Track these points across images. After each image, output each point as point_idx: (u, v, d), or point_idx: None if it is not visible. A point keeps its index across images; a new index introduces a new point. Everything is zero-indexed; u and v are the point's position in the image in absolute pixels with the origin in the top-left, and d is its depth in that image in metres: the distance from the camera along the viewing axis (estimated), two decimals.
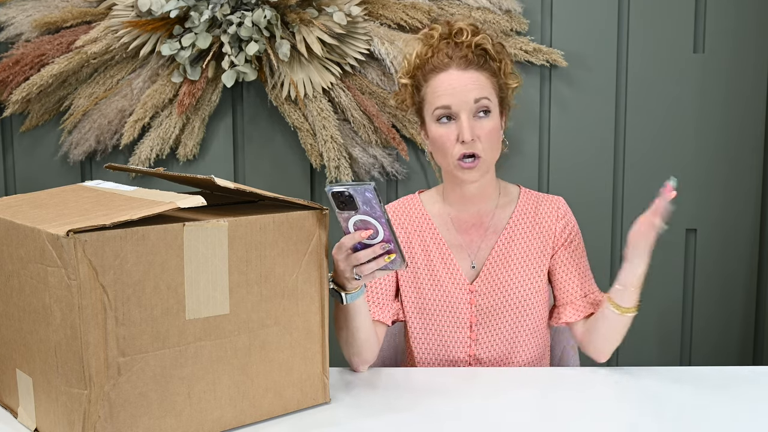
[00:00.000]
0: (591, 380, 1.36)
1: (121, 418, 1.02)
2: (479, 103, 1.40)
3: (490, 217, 1.52)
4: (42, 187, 2.22)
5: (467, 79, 1.41)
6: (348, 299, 1.28)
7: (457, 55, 1.42)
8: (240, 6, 2.08)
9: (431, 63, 1.43)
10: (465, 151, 1.40)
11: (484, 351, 1.50)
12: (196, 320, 1.07)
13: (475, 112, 1.41)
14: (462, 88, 1.40)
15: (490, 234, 1.51)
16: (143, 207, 1.04)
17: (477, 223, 1.52)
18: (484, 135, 1.40)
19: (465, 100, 1.40)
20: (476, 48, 1.42)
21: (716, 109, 2.22)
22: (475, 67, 1.42)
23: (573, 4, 2.18)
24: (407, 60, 1.48)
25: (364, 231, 1.18)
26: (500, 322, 1.49)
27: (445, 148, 1.42)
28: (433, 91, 1.43)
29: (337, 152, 2.15)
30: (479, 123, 1.41)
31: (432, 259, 1.51)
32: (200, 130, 2.20)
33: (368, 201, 1.15)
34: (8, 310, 1.12)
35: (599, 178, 2.25)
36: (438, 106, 1.41)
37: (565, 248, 1.51)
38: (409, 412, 1.21)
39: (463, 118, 1.39)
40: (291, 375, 1.18)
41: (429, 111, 1.44)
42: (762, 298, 2.28)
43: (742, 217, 2.26)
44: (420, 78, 1.46)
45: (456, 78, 1.41)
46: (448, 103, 1.40)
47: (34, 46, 2.13)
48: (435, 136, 1.43)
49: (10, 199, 1.23)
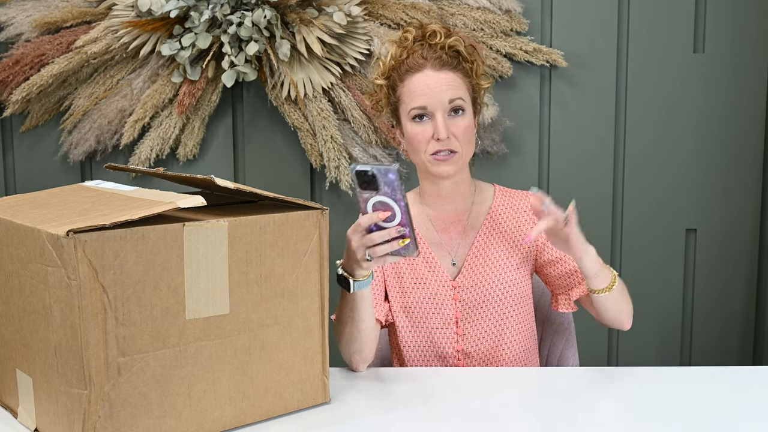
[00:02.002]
0: (591, 380, 1.36)
1: (121, 418, 1.02)
2: (453, 103, 1.44)
3: (467, 214, 1.56)
4: (42, 187, 2.22)
5: (442, 80, 1.45)
6: (356, 287, 1.30)
7: (432, 56, 1.45)
8: (240, 6, 2.08)
9: (407, 64, 1.47)
10: (440, 147, 1.44)
11: (471, 345, 1.52)
12: (196, 320, 1.07)
13: (450, 111, 1.45)
14: (437, 88, 1.44)
15: (469, 231, 1.55)
16: (143, 207, 1.04)
17: (455, 221, 1.56)
18: (459, 132, 1.45)
19: (440, 100, 1.44)
20: (449, 49, 1.47)
21: (716, 109, 2.22)
22: (450, 67, 1.46)
23: (573, 4, 2.18)
24: (382, 62, 1.52)
25: (382, 212, 1.20)
26: (485, 316, 1.52)
27: (420, 146, 1.46)
28: (409, 92, 1.46)
29: (337, 152, 2.16)
30: (454, 121, 1.45)
31: (414, 259, 1.53)
32: (200, 130, 2.20)
33: (390, 183, 1.17)
34: (8, 310, 1.12)
35: (599, 178, 2.25)
36: (414, 107, 1.45)
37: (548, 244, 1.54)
38: (409, 412, 1.21)
39: (438, 118, 1.43)
40: (291, 375, 1.19)
41: (405, 111, 1.48)
42: (762, 298, 2.28)
43: (742, 217, 2.26)
44: (395, 78, 1.49)
45: (432, 78, 1.45)
46: (424, 103, 1.44)
47: (34, 46, 2.13)
48: (411, 135, 1.47)
49: (10, 199, 1.23)
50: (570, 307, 1.54)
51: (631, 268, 2.27)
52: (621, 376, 1.39)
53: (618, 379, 1.37)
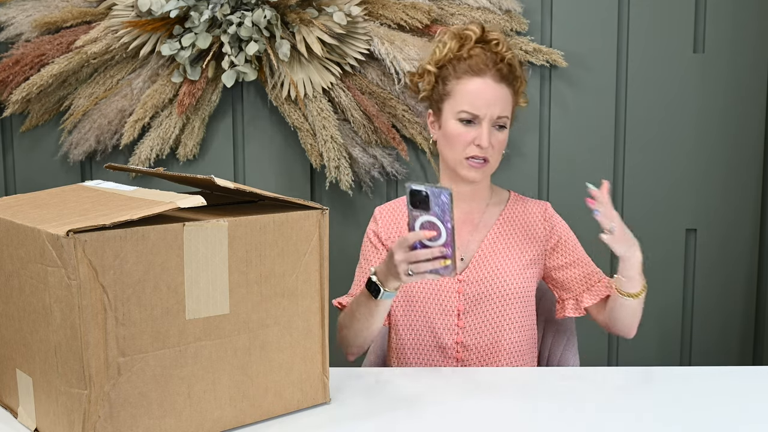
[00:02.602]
0: (591, 380, 1.36)
1: (121, 418, 1.02)
2: (500, 119, 1.51)
3: (481, 214, 1.60)
4: (42, 187, 2.22)
5: (498, 93, 1.50)
6: (384, 296, 1.37)
7: (494, 65, 1.50)
8: (240, 6, 2.08)
9: (467, 63, 1.51)
10: (478, 153, 1.50)
11: (471, 338, 1.54)
12: (196, 320, 1.07)
13: (494, 124, 1.51)
14: (493, 100, 1.49)
15: (480, 229, 1.59)
16: (143, 207, 1.03)
17: (467, 219, 1.60)
18: (496, 145, 1.51)
19: (491, 113, 1.49)
20: (508, 64, 1.52)
21: (716, 109, 2.22)
22: (506, 82, 1.52)
23: (573, 4, 2.18)
24: (438, 49, 1.55)
25: (428, 231, 1.26)
26: (487, 311, 1.54)
27: (459, 146, 1.51)
28: (465, 92, 1.50)
29: (337, 152, 2.15)
30: (494, 134, 1.51)
31: None
32: (200, 130, 2.20)
33: (442, 205, 1.23)
34: (8, 310, 1.12)
35: (599, 178, 2.25)
36: (467, 110, 1.50)
37: (559, 249, 1.60)
38: (409, 412, 1.21)
39: (485, 127, 1.49)
40: (291, 375, 1.18)
41: (453, 108, 1.51)
42: (762, 298, 2.28)
43: (742, 217, 2.26)
44: (450, 71, 1.53)
45: (490, 89, 1.50)
46: (477, 111, 1.49)
47: (34, 46, 2.13)
48: (453, 133, 1.51)
49: (10, 199, 1.23)
50: (579, 311, 1.58)
51: None
52: (621, 376, 1.39)
53: (618, 379, 1.37)
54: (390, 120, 2.18)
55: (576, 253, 1.60)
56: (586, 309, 1.58)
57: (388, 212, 1.64)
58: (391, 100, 2.16)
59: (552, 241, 1.59)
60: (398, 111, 2.17)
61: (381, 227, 1.62)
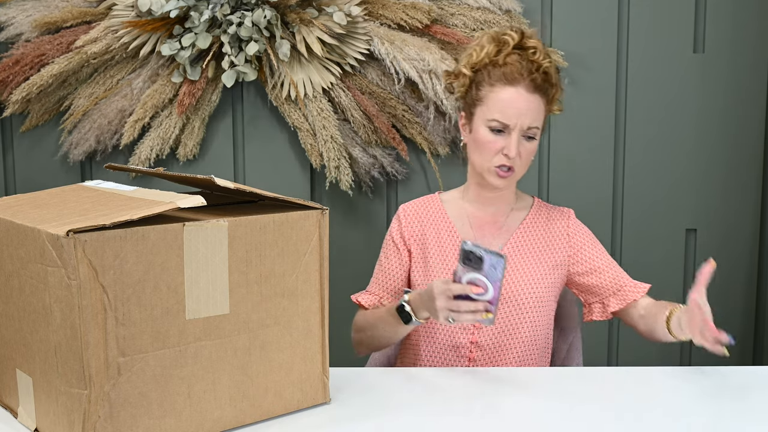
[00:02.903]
0: (591, 380, 1.36)
1: (121, 418, 1.02)
2: (530, 130, 1.50)
3: (505, 217, 1.61)
4: (42, 187, 2.22)
5: (530, 103, 1.49)
6: (414, 323, 1.42)
7: (528, 74, 1.49)
8: (240, 6, 2.08)
9: (502, 71, 1.50)
10: (505, 163, 1.50)
11: (486, 338, 1.55)
12: (196, 320, 1.07)
13: (523, 134, 1.50)
14: (524, 111, 1.48)
15: (504, 232, 1.60)
16: (143, 207, 1.03)
17: (491, 221, 1.60)
18: (524, 155, 1.51)
19: (521, 123, 1.49)
20: (543, 72, 1.50)
21: (716, 109, 2.22)
22: (540, 92, 1.51)
23: (573, 4, 2.18)
24: (475, 52, 1.54)
25: (477, 287, 1.29)
26: (504, 312, 1.54)
27: (488, 154, 1.51)
28: (497, 100, 1.49)
29: (337, 152, 2.15)
30: (523, 144, 1.51)
31: (445, 250, 1.58)
32: (200, 130, 2.20)
33: (496, 267, 1.27)
34: (8, 310, 1.12)
35: (599, 178, 2.25)
36: (497, 119, 1.49)
37: (582, 255, 1.59)
38: (409, 412, 1.21)
39: (514, 137, 1.49)
40: (291, 375, 1.18)
41: (484, 114, 1.51)
42: (762, 298, 2.28)
43: (742, 217, 2.26)
44: (485, 76, 1.52)
45: (522, 99, 1.49)
46: (507, 122, 1.49)
47: (34, 46, 2.13)
48: (482, 140, 1.51)
49: (10, 199, 1.23)
50: (605, 315, 1.58)
51: (631, 268, 2.26)
52: (621, 376, 1.39)
53: (618, 379, 1.37)
54: (390, 120, 2.18)
55: (600, 259, 1.59)
56: (613, 313, 1.57)
57: (413, 211, 1.64)
58: (391, 100, 2.16)
59: (575, 248, 1.59)
60: (398, 111, 2.17)
61: (405, 226, 1.62)
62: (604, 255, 1.60)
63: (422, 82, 2.11)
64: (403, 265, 1.61)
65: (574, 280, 1.60)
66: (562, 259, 1.59)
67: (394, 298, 1.61)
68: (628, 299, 1.55)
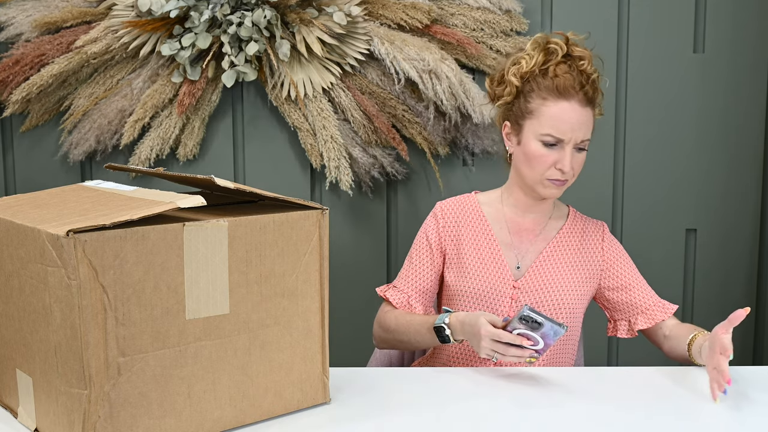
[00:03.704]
0: (591, 380, 1.36)
1: (121, 418, 1.02)
2: (582, 143, 1.49)
3: (543, 225, 1.60)
4: (42, 187, 2.22)
5: (584, 118, 1.48)
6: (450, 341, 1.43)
7: (580, 87, 1.47)
8: (240, 6, 2.08)
9: (555, 83, 1.47)
10: (560, 177, 1.49)
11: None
12: (196, 320, 1.07)
13: (576, 147, 1.49)
14: (578, 125, 1.47)
15: (540, 240, 1.59)
16: (143, 207, 1.03)
17: (530, 228, 1.60)
18: (576, 166, 1.50)
19: (575, 138, 1.47)
20: (593, 84, 1.49)
21: (716, 109, 2.22)
22: (591, 105, 1.50)
23: (573, 4, 2.18)
24: (525, 60, 1.50)
25: (527, 340, 1.29)
26: None
27: (540, 168, 1.49)
28: (551, 115, 1.47)
29: (337, 152, 2.15)
30: (576, 156, 1.49)
31: (482, 252, 1.57)
32: (200, 130, 2.20)
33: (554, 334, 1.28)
34: (8, 310, 1.12)
35: (599, 178, 2.25)
36: (551, 134, 1.47)
37: (613, 270, 1.59)
38: (408, 413, 1.21)
39: (568, 152, 1.47)
40: (291, 375, 1.18)
41: (535, 128, 1.48)
42: (762, 298, 2.28)
43: (742, 217, 2.26)
44: (533, 88, 1.49)
45: (577, 114, 1.47)
46: (562, 137, 1.47)
47: (34, 46, 2.13)
48: (535, 154, 1.49)
49: (10, 199, 1.23)
50: (632, 333, 1.58)
51: None
52: (621, 376, 1.38)
53: (618, 379, 1.37)
54: (390, 120, 2.18)
55: (630, 276, 1.59)
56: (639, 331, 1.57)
57: (450, 209, 1.62)
58: (391, 100, 2.16)
59: (608, 263, 1.59)
60: (398, 111, 2.17)
61: (442, 225, 1.60)
62: (635, 272, 1.60)
63: (422, 82, 2.11)
64: (435, 266, 1.60)
65: (603, 294, 1.60)
66: (594, 272, 1.58)
67: (423, 298, 1.59)
68: (656, 319, 1.55)
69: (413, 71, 2.10)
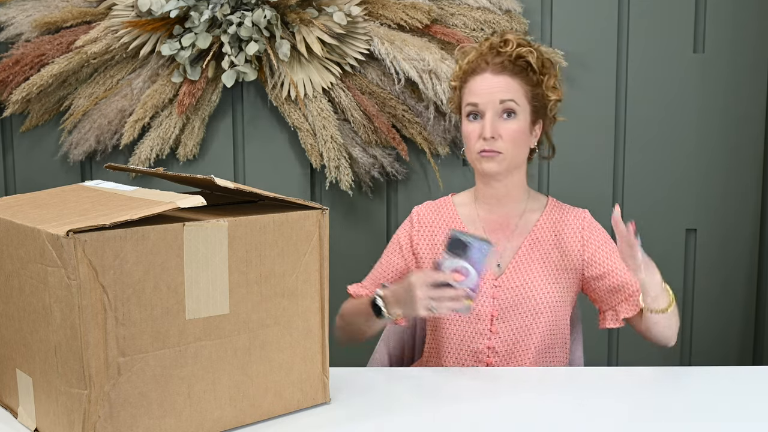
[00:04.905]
0: (591, 379, 1.36)
1: (121, 418, 1.02)
2: (504, 104, 1.49)
3: (518, 219, 1.59)
4: (42, 187, 2.22)
5: (497, 82, 1.50)
6: (386, 318, 1.42)
7: (495, 61, 1.51)
8: (240, 6, 2.08)
9: (468, 66, 1.53)
10: (486, 147, 1.49)
11: (501, 343, 1.54)
12: (196, 320, 1.07)
13: (501, 113, 1.49)
14: (490, 89, 1.49)
15: (516, 235, 1.58)
16: (143, 207, 1.04)
17: (504, 224, 1.59)
18: (506, 134, 1.49)
19: (491, 100, 1.49)
20: (517, 58, 1.50)
21: (716, 109, 2.22)
22: (509, 73, 1.50)
23: (573, 4, 2.18)
24: (459, 65, 1.57)
25: (458, 275, 1.31)
26: (518, 317, 1.54)
27: (470, 143, 1.52)
28: (468, 91, 1.53)
29: (337, 152, 2.15)
30: (504, 123, 1.49)
31: None
32: (200, 130, 2.20)
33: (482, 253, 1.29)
34: (8, 310, 1.12)
35: (599, 178, 2.25)
36: (468, 103, 1.52)
37: (595, 259, 1.57)
38: (408, 413, 1.21)
39: (487, 117, 1.49)
40: (291, 375, 1.18)
41: (462, 110, 1.54)
42: (762, 298, 2.28)
43: (742, 217, 2.26)
44: (462, 80, 1.56)
45: (487, 81, 1.50)
46: (476, 101, 1.50)
47: (34, 46, 2.13)
48: (465, 132, 1.53)
49: (10, 199, 1.23)
50: (618, 322, 1.57)
51: None
52: (621, 376, 1.39)
53: (618, 379, 1.37)
54: (390, 120, 2.18)
55: (611, 262, 1.57)
56: (624, 319, 1.56)
57: (426, 214, 1.63)
58: (391, 100, 2.16)
59: (589, 252, 1.57)
60: (398, 111, 2.17)
61: (416, 230, 1.62)
62: (616, 259, 1.57)
63: (422, 82, 2.11)
64: (402, 265, 1.61)
65: (590, 284, 1.59)
66: (576, 262, 1.57)
67: None
68: (639, 306, 1.53)
69: (413, 71, 2.10)
